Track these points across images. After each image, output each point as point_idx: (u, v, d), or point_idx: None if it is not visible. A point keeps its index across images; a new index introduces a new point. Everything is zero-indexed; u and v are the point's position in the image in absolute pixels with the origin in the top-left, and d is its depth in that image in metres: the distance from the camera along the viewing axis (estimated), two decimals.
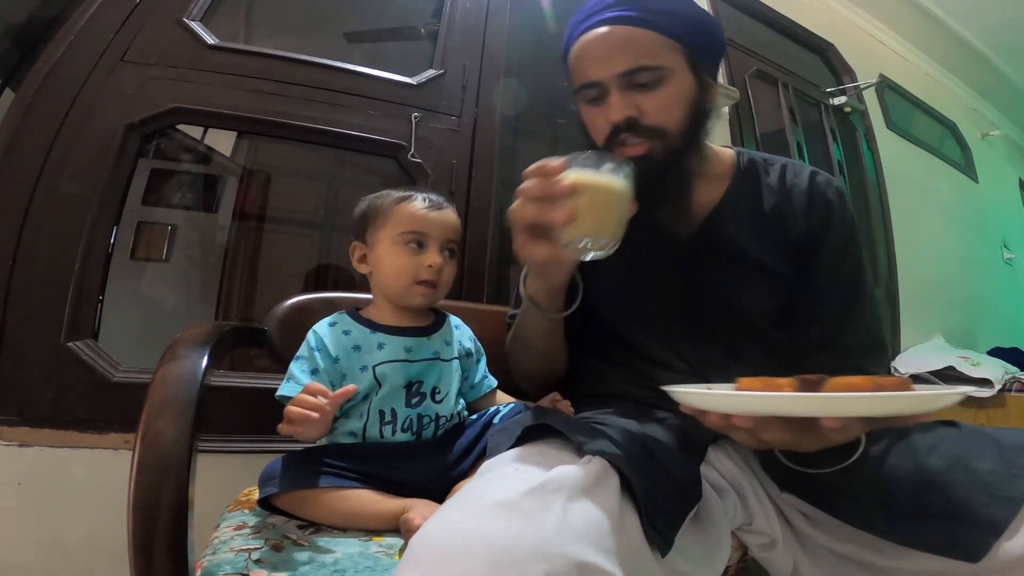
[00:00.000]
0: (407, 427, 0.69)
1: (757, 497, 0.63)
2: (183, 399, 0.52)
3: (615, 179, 0.54)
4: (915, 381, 1.88)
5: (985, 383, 1.83)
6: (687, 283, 0.72)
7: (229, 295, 1.56)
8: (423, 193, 0.74)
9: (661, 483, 0.50)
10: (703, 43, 0.67)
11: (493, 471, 0.49)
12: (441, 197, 0.75)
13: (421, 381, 0.71)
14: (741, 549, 0.64)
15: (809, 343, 0.72)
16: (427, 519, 0.43)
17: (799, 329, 0.72)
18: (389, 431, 0.68)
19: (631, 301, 0.74)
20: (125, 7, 1.13)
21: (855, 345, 0.70)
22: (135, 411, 0.50)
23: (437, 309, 0.79)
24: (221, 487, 0.71)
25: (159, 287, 1.57)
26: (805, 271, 0.71)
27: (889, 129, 2.47)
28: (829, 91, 2.29)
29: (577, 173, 0.53)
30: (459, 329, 0.80)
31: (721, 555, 0.54)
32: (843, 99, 2.27)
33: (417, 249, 0.71)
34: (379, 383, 0.68)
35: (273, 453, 1.00)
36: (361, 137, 1.25)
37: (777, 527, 0.62)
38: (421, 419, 0.70)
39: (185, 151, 1.53)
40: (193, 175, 1.59)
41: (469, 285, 1.29)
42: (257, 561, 0.51)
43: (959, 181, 2.87)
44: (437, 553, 0.38)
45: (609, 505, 0.43)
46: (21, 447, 0.93)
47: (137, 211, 1.46)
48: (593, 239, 0.54)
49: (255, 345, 0.84)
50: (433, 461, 0.68)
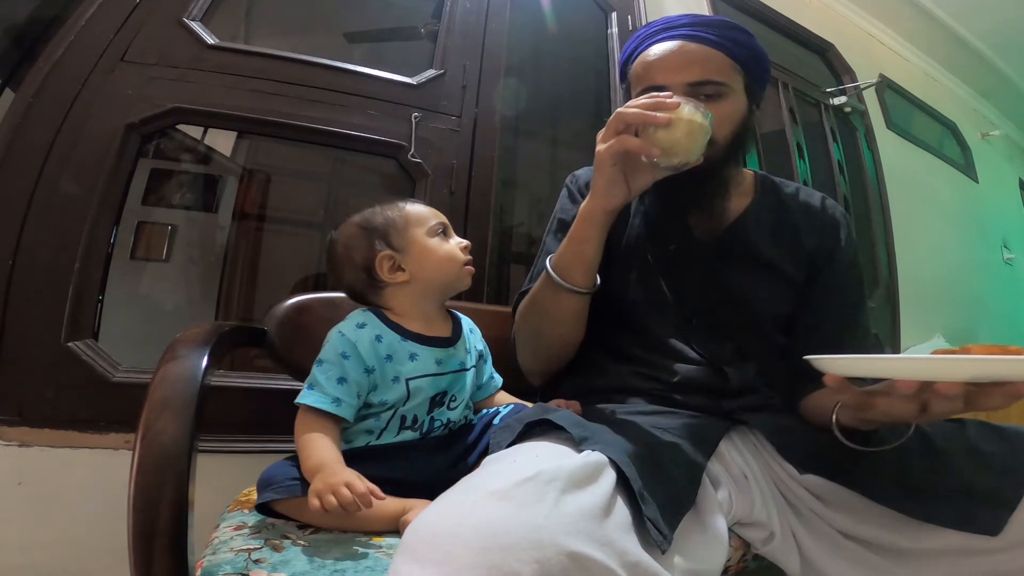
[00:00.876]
0: (417, 427, 0.70)
1: (760, 489, 0.64)
2: (183, 399, 0.52)
3: (706, 119, 0.64)
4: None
5: None
6: (709, 281, 0.76)
7: (229, 295, 1.56)
8: (400, 202, 0.76)
9: (659, 480, 0.50)
10: (759, 73, 0.76)
11: (491, 464, 0.49)
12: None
13: (446, 392, 0.72)
14: (742, 548, 0.64)
15: (812, 349, 0.73)
16: None
17: (800, 336, 0.77)
18: (405, 435, 0.69)
19: (652, 292, 0.78)
20: (125, 7, 1.13)
21: (856, 352, 0.72)
22: (135, 411, 0.50)
23: (452, 312, 0.79)
24: (221, 487, 0.71)
25: (159, 287, 1.57)
26: (813, 282, 0.78)
27: (889, 129, 2.47)
28: (829, 91, 2.29)
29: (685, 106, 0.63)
30: (473, 333, 0.80)
31: (719, 552, 0.54)
32: (843, 99, 2.27)
33: (445, 237, 0.74)
34: (409, 396, 0.68)
35: (273, 453, 1.01)
36: (361, 137, 1.25)
37: (776, 520, 0.62)
38: (433, 422, 0.71)
39: (185, 151, 1.53)
40: (193, 175, 1.59)
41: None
42: (257, 561, 0.51)
43: (959, 181, 2.87)
44: (429, 539, 0.38)
45: (604, 499, 0.43)
46: (21, 447, 0.93)
47: (137, 211, 1.47)
48: (681, 158, 0.63)
49: (255, 345, 0.84)
50: (435, 460, 0.68)
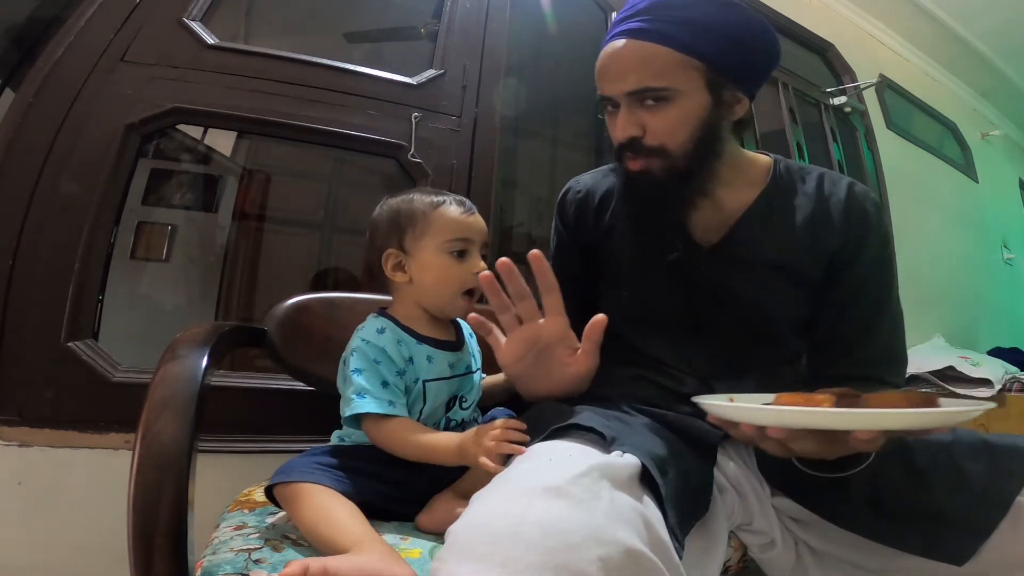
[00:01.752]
0: (433, 427, 0.70)
1: (757, 497, 0.64)
2: (183, 399, 0.52)
3: None
4: (915, 381, 1.86)
5: (985, 383, 1.83)
6: (707, 290, 0.71)
7: (229, 295, 1.56)
8: (451, 195, 0.72)
9: (679, 486, 0.50)
10: (730, 58, 0.64)
11: (529, 461, 0.48)
12: (467, 200, 0.73)
13: (459, 394, 0.72)
14: (741, 549, 0.64)
15: (830, 352, 0.72)
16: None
17: (821, 337, 0.72)
18: None
19: (648, 305, 0.74)
20: (125, 7, 1.13)
21: (875, 357, 0.70)
22: (135, 411, 0.50)
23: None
24: (221, 487, 0.71)
25: (159, 287, 1.57)
26: (834, 281, 0.70)
27: (889, 129, 2.46)
28: (829, 91, 2.29)
29: None
30: (472, 337, 0.80)
31: (718, 553, 0.54)
32: (843, 99, 2.26)
33: (460, 257, 0.70)
34: (425, 399, 0.68)
35: (273, 453, 1.02)
36: (361, 137, 1.25)
37: (776, 527, 0.62)
38: (449, 422, 0.71)
39: (185, 151, 1.53)
40: (193, 175, 1.59)
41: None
42: (257, 561, 0.51)
43: (959, 181, 2.87)
44: (490, 539, 0.37)
45: (642, 499, 0.44)
46: (21, 447, 0.93)
47: (137, 211, 1.47)
48: None
49: (255, 345, 0.84)
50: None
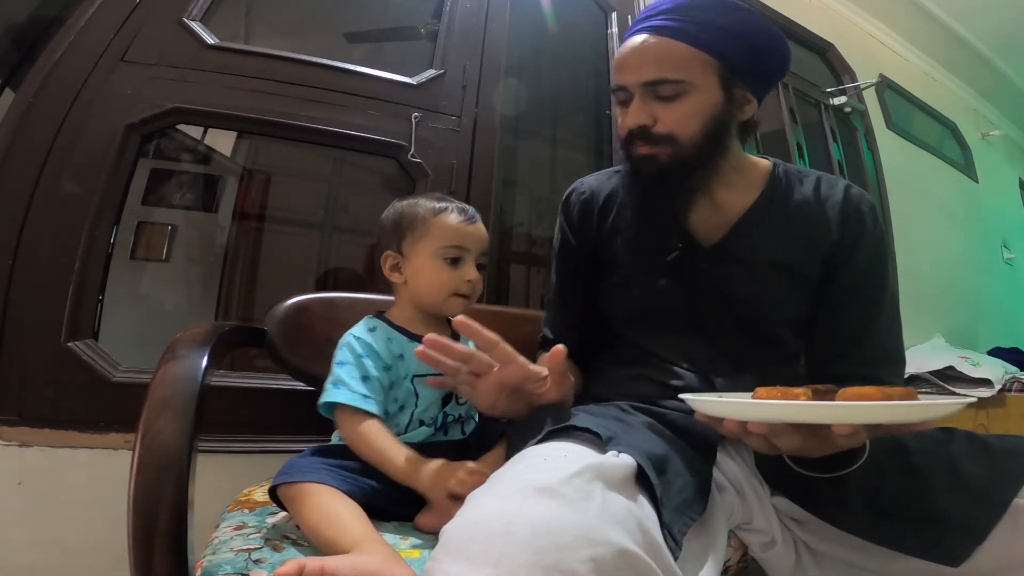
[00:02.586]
0: (431, 423, 0.71)
1: (757, 496, 0.64)
2: (183, 399, 0.52)
3: None
4: (915, 381, 1.87)
5: (985, 383, 1.83)
6: (708, 289, 0.72)
7: (229, 295, 1.56)
8: (455, 203, 0.75)
9: (676, 486, 0.50)
10: (744, 60, 0.68)
11: (523, 461, 0.48)
12: (472, 209, 0.76)
13: (452, 392, 0.72)
14: (741, 549, 0.64)
15: (828, 352, 0.73)
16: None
17: (819, 337, 0.74)
18: (422, 431, 0.70)
19: (650, 303, 0.75)
20: (125, 7, 1.13)
21: (873, 356, 0.71)
22: (135, 411, 0.50)
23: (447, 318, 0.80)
24: (221, 487, 0.71)
25: (159, 287, 1.57)
26: (831, 280, 0.72)
27: (889, 129, 2.46)
28: (829, 91, 2.29)
29: None
30: (468, 340, 0.80)
31: (718, 553, 0.54)
32: (843, 99, 2.26)
33: (454, 263, 0.72)
34: (416, 395, 0.70)
35: (273, 453, 1.02)
36: (361, 137, 1.25)
37: (776, 526, 0.62)
38: (447, 417, 0.72)
39: (185, 151, 1.53)
40: (193, 175, 1.59)
41: None
42: (257, 561, 0.51)
43: (959, 181, 2.87)
44: (481, 538, 0.37)
45: (636, 500, 0.44)
46: (21, 447, 0.93)
47: (137, 211, 1.47)
48: None
49: (255, 345, 0.84)
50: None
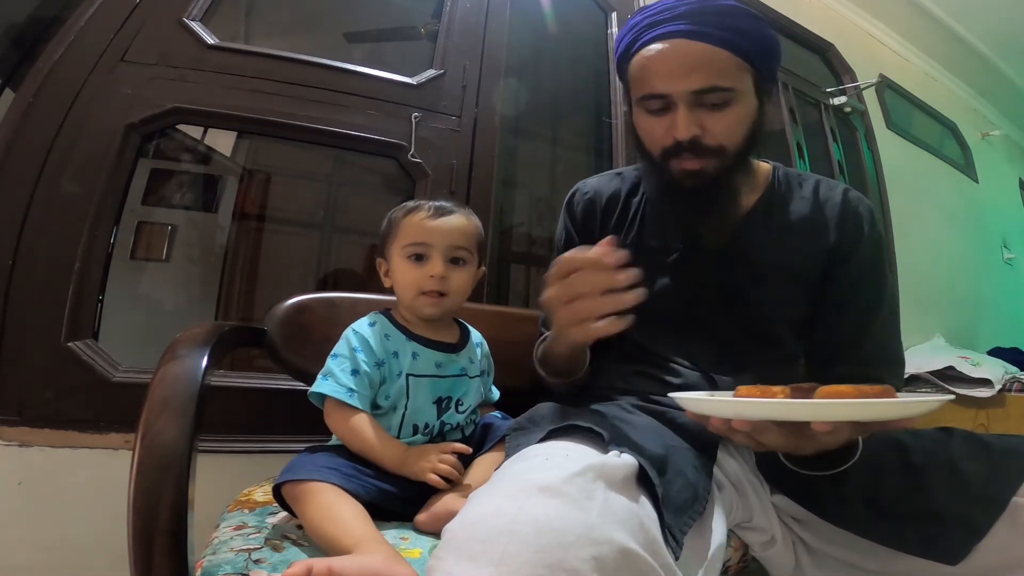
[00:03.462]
0: (428, 431, 0.71)
1: (757, 495, 0.64)
2: (183, 399, 0.52)
3: None
4: (915, 381, 1.86)
5: (985, 383, 1.83)
6: (711, 289, 0.73)
7: (229, 295, 1.56)
8: (435, 202, 0.74)
9: (676, 486, 0.50)
10: (769, 64, 0.68)
11: (523, 461, 0.48)
12: (451, 203, 0.74)
13: (450, 396, 0.72)
14: (742, 548, 0.64)
15: (827, 352, 0.74)
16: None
17: (818, 337, 0.74)
18: (417, 439, 0.70)
19: (654, 302, 0.74)
20: (125, 7, 1.13)
21: (871, 356, 0.71)
22: (135, 411, 0.50)
23: (461, 324, 0.80)
24: (221, 487, 0.71)
25: (159, 287, 1.57)
26: (830, 281, 0.73)
27: (889, 129, 2.46)
28: (829, 91, 2.29)
29: None
30: (479, 347, 0.80)
31: (718, 552, 0.54)
32: (843, 99, 2.26)
33: (419, 261, 0.71)
34: (408, 395, 0.69)
35: (273, 453, 1.02)
36: (361, 137, 1.25)
37: (777, 525, 0.62)
38: (443, 426, 0.72)
39: (185, 151, 1.53)
40: (193, 175, 1.59)
41: None
42: (257, 561, 0.51)
43: (959, 181, 2.87)
44: (483, 536, 0.37)
45: (638, 499, 0.44)
46: (21, 447, 0.93)
47: (137, 211, 1.46)
48: None
49: (255, 345, 0.84)
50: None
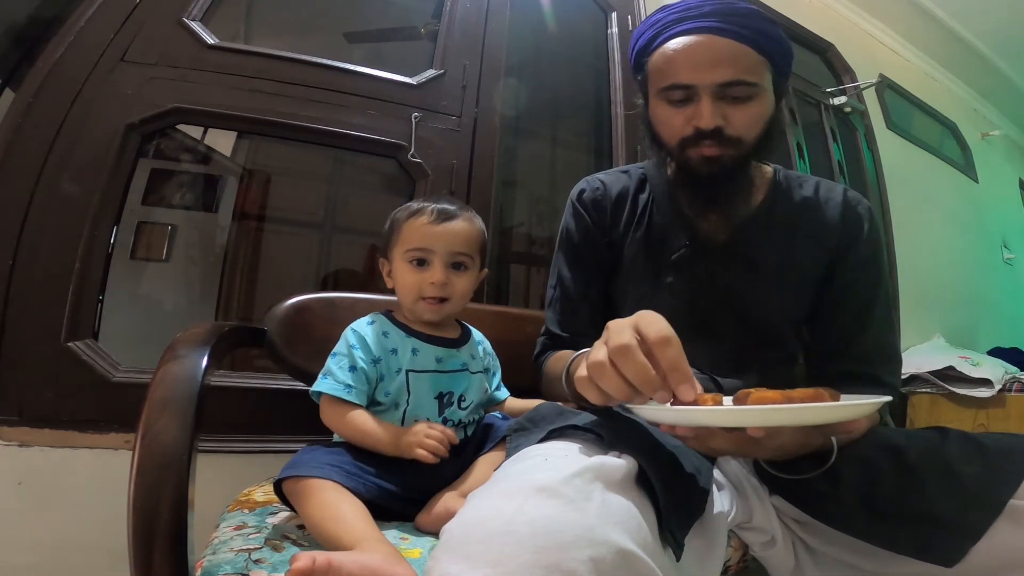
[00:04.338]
0: None
1: (756, 495, 0.64)
2: (183, 399, 0.52)
3: None
4: (915, 381, 1.85)
5: (985, 383, 1.83)
6: (711, 289, 0.73)
7: (229, 295, 1.56)
8: (437, 204, 0.73)
9: (677, 486, 0.50)
10: (785, 66, 0.72)
11: (522, 461, 0.48)
12: (456, 206, 0.74)
13: (452, 392, 0.72)
14: (742, 549, 0.64)
15: (824, 349, 0.75)
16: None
17: (816, 334, 0.76)
18: None
19: (655, 301, 0.75)
20: (125, 7, 1.13)
21: (868, 353, 0.72)
22: (135, 411, 0.50)
23: (461, 323, 0.80)
24: (221, 487, 0.71)
25: (159, 287, 1.57)
26: (829, 278, 0.74)
27: (889, 129, 2.46)
28: (829, 91, 2.29)
29: None
30: (481, 344, 0.81)
31: (718, 552, 0.54)
32: (843, 99, 2.26)
33: (420, 266, 0.71)
34: (409, 391, 0.69)
35: (273, 453, 1.02)
36: (361, 137, 1.25)
37: (776, 525, 0.62)
38: (446, 423, 0.71)
39: (185, 151, 1.53)
40: (193, 175, 1.59)
41: None
42: (257, 561, 0.51)
43: (959, 181, 2.87)
44: (481, 537, 0.37)
45: (637, 500, 0.44)
46: (21, 447, 0.93)
47: (137, 211, 1.47)
48: None
49: (255, 345, 0.84)
50: (443, 468, 0.67)
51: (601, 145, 1.71)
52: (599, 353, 0.47)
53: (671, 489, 0.49)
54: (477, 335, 0.80)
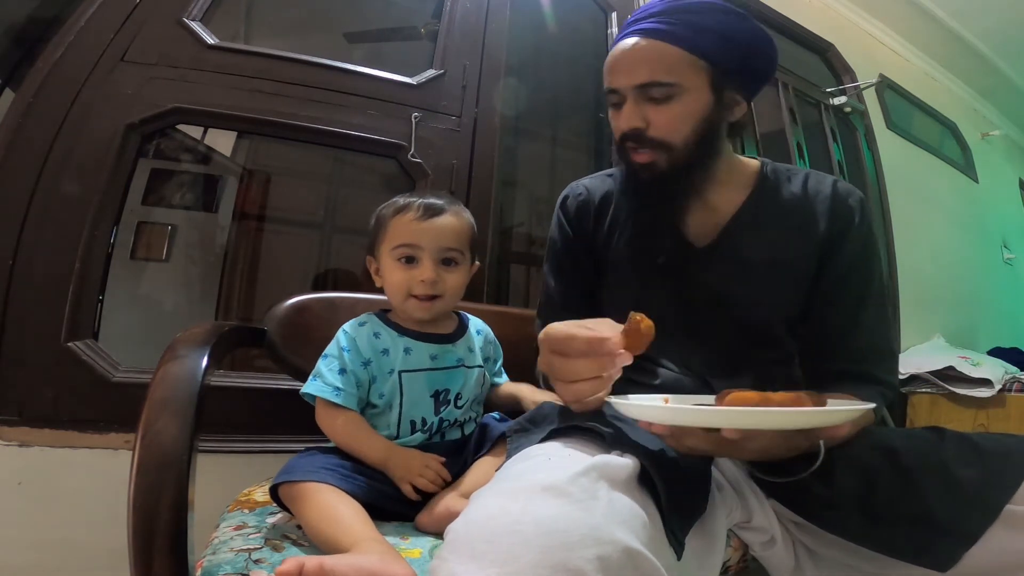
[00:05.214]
0: (427, 429, 0.70)
1: (756, 496, 0.64)
2: (183, 399, 0.52)
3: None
4: (915, 381, 1.85)
5: (985, 383, 1.83)
6: (699, 291, 0.72)
7: (229, 295, 1.56)
8: (424, 199, 0.72)
9: (678, 486, 0.50)
10: (734, 62, 0.68)
11: (524, 461, 0.48)
12: (443, 201, 0.73)
13: (448, 389, 0.71)
14: (741, 548, 0.64)
15: (817, 346, 0.73)
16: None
17: (811, 332, 0.74)
18: (416, 437, 0.69)
19: (643, 304, 0.74)
20: (125, 7, 1.13)
21: (863, 349, 0.71)
22: (135, 411, 0.50)
23: (459, 313, 0.79)
24: (221, 487, 0.71)
25: (159, 287, 1.57)
26: (821, 273, 0.72)
27: (889, 129, 2.46)
28: (829, 91, 2.29)
29: None
30: (480, 334, 0.80)
31: (718, 552, 0.54)
32: (843, 99, 2.26)
33: (409, 263, 0.70)
34: (402, 392, 0.69)
35: (273, 453, 1.02)
36: (361, 137, 1.25)
37: (776, 525, 0.62)
38: (442, 423, 0.71)
39: (185, 151, 1.53)
40: (193, 175, 1.59)
41: (469, 284, 1.29)
42: (257, 561, 0.51)
43: (959, 181, 2.87)
44: (487, 537, 0.37)
45: (640, 499, 0.44)
46: (21, 447, 0.93)
47: (137, 211, 1.47)
48: None
49: (255, 345, 0.84)
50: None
51: (601, 145, 1.71)
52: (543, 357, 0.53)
53: (673, 488, 0.49)
54: (475, 325, 0.79)
